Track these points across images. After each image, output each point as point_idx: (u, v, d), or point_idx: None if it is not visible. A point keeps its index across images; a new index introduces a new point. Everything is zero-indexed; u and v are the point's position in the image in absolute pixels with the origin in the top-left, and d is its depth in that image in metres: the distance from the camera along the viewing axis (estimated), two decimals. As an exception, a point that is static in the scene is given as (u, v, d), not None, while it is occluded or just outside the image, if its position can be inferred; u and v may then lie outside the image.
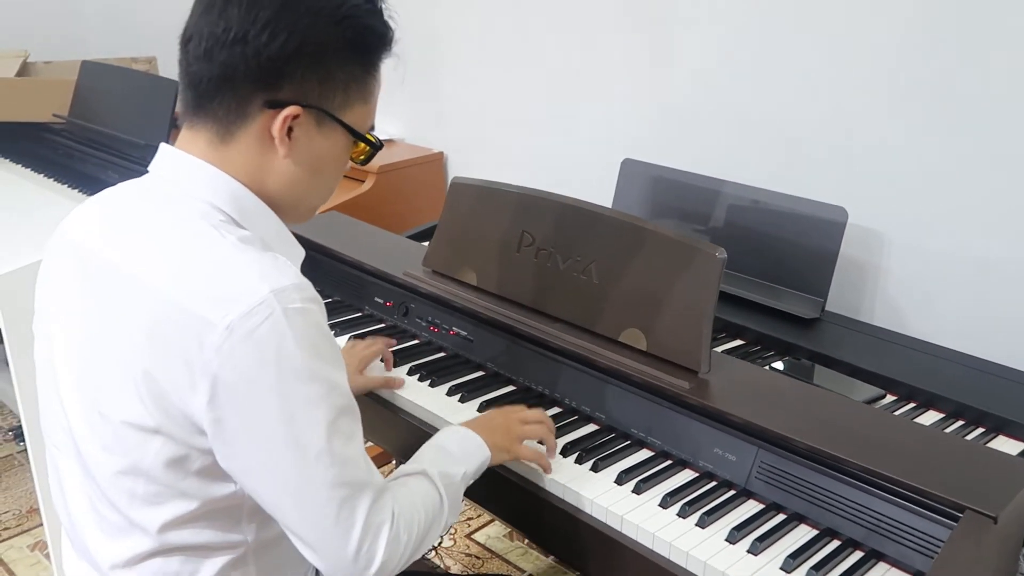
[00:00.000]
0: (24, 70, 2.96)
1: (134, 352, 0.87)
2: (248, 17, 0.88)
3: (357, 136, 0.99)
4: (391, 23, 0.98)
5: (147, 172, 1.00)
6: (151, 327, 0.86)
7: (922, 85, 1.65)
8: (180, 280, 0.87)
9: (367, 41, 0.96)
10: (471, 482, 1.12)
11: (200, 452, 0.88)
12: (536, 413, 1.24)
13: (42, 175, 2.74)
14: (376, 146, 1.02)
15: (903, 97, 1.68)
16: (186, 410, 0.86)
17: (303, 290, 0.87)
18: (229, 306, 0.83)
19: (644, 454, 1.26)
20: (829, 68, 1.77)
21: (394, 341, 1.52)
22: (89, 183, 2.51)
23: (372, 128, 1.02)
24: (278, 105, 0.91)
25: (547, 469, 1.20)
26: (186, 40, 0.93)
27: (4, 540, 2.18)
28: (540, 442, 1.24)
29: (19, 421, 2.43)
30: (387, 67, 1.01)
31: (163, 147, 0.98)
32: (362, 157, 1.03)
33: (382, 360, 1.48)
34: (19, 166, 2.83)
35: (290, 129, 0.92)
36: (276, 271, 0.87)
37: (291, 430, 0.85)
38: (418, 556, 1.00)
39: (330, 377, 0.88)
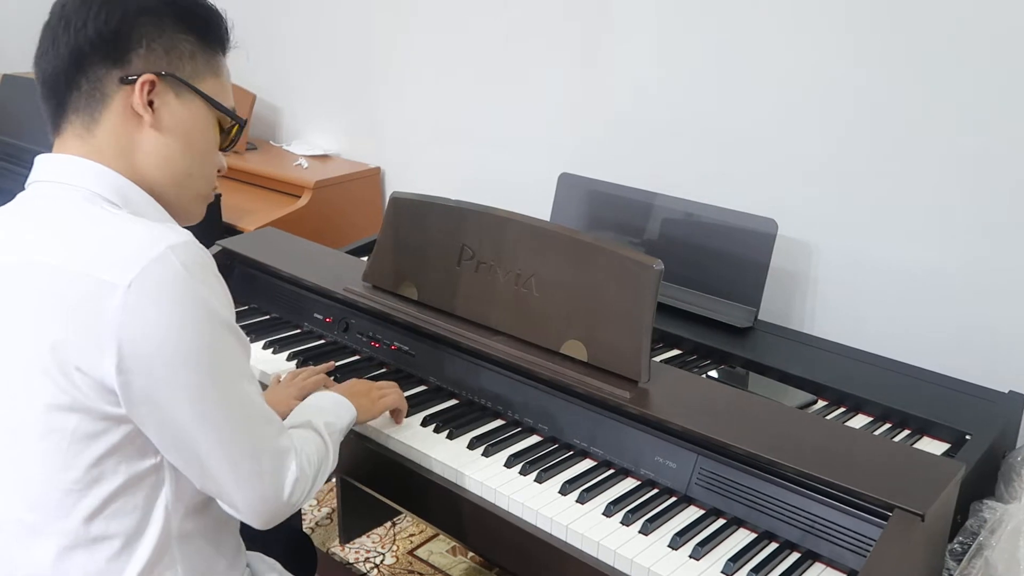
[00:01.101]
0: (-60, 83, 2.86)
1: (40, 332, 0.88)
2: (83, 7, 0.95)
3: (215, 104, 1.02)
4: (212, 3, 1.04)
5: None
6: (53, 302, 0.88)
7: (849, 99, 1.72)
8: (76, 252, 0.89)
9: (196, 14, 1.00)
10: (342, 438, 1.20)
11: (116, 423, 0.89)
12: (388, 383, 1.37)
13: (-40, 192, 2.64)
14: (240, 121, 1.06)
15: (830, 112, 1.75)
16: (96, 376, 0.87)
17: (197, 245, 0.91)
18: (127, 266, 0.86)
19: (587, 464, 1.27)
20: (759, 82, 1.83)
21: (333, 365, 1.51)
22: (9, 199, 2.42)
23: (233, 109, 1.05)
24: (133, 80, 0.95)
25: (399, 420, 1.36)
26: (38, 57, 0.98)
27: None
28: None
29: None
30: (233, 55, 1.08)
31: (38, 158, 1.00)
32: (227, 143, 1.07)
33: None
34: (-65, 183, 2.73)
35: (151, 102, 0.96)
36: (169, 231, 0.91)
37: (198, 379, 0.89)
38: (312, 496, 1.06)
39: (230, 324, 0.93)
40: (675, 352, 1.63)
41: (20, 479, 0.92)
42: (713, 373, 1.52)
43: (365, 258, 1.64)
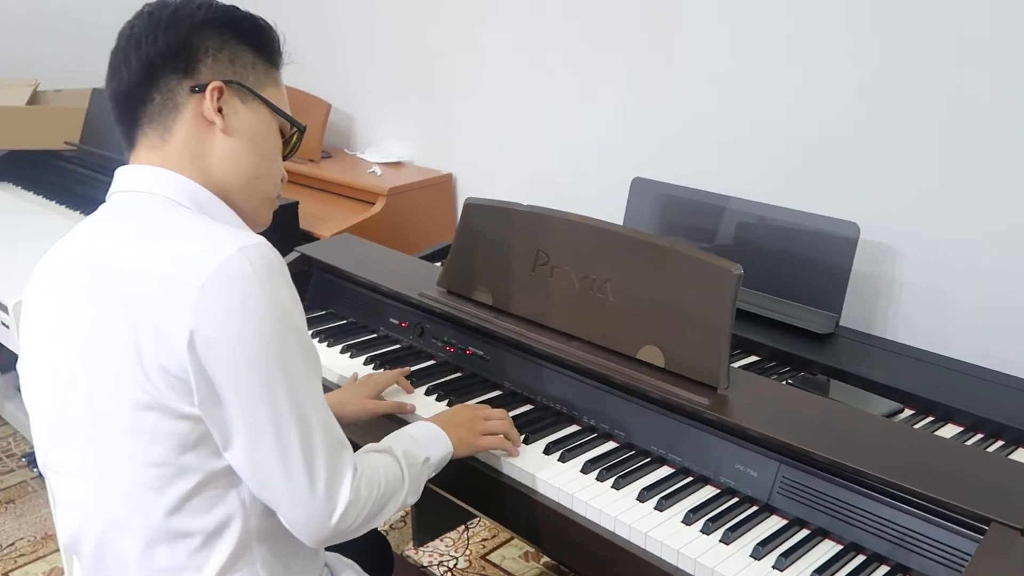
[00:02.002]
0: (35, 99, 2.99)
1: (121, 332, 0.91)
2: (152, 26, 1.00)
3: (277, 111, 1.07)
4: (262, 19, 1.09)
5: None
6: (133, 303, 0.91)
7: (932, 99, 1.66)
8: (154, 254, 0.93)
9: (250, 28, 1.05)
10: (433, 472, 1.17)
11: (192, 422, 0.92)
12: (498, 411, 1.31)
13: (55, 202, 2.76)
14: (300, 127, 1.11)
15: (914, 112, 1.69)
16: (175, 374, 0.90)
17: (269, 248, 0.94)
18: (200, 266, 0.89)
19: (665, 471, 1.26)
20: (838, 83, 1.79)
21: (408, 370, 1.52)
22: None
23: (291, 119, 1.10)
24: (203, 88, 1.00)
25: (513, 452, 1.28)
26: (111, 77, 1.02)
27: (20, 567, 2.17)
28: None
29: (32, 448, 2.42)
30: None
31: (117, 171, 1.04)
32: (288, 150, 1.11)
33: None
34: (31, 193, 2.86)
35: (219, 109, 1.01)
36: (242, 234, 0.95)
37: (260, 380, 0.90)
38: (376, 524, 1.04)
39: (297, 329, 0.94)
40: (753, 358, 1.60)
41: (105, 475, 0.96)
42: (793, 380, 1.49)
43: (439, 263, 1.66)
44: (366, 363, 1.59)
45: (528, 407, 1.42)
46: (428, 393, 1.47)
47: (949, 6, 1.61)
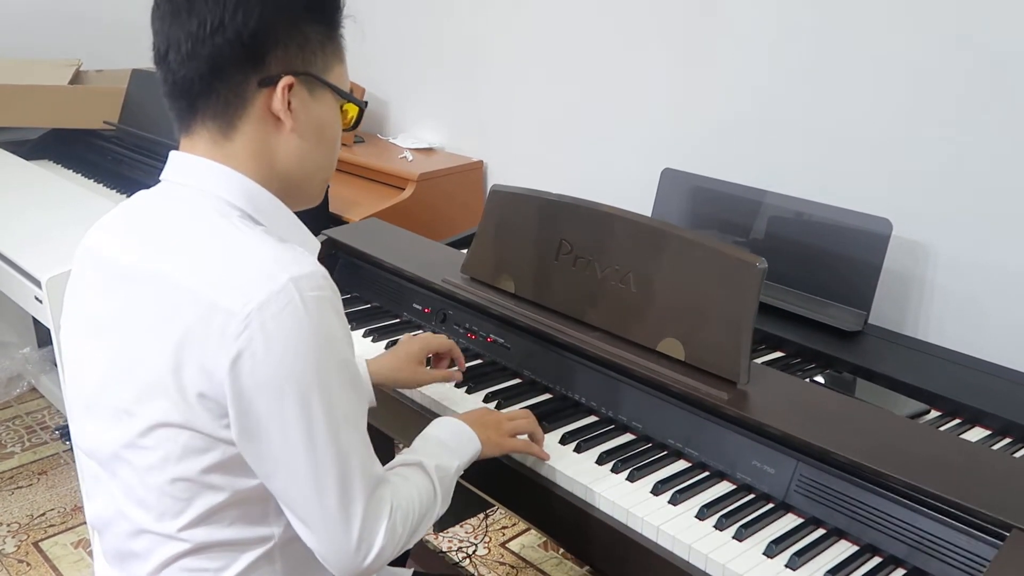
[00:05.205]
0: (77, 78, 3.03)
1: (161, 349, 0.88)
2: (218, 6, 0.90)
3: (344, 96, 1.01)
4: None
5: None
6: (174, 320, 0.88)
7: (970, 95, 1.62)
8: (200, 272, 0.89)
9: (320, 3, 0.97)
10: (461, 472, 1.15)
11: (224, 443, 0.90)
12: (522, 411, 1.28)
13: (92, 180, 2.81)
14: (362, 105, 1.04)
15: (950, 108, 1.65)
16: (210, 397, 0.87)
17: (321, 278, 0.89)
18: (249, 294, 0.85)
19: (681, 465, 1.25)
20: (873, 77, 1.75)
21: (456, 347, 1.43)
22: (137, 188, 2.53)
23: (351, 91, 1.03)
24: (272, 82, 0.93)
25: (542, 456, 1.25)
26: (163, 54, 0.94)
27: (49, 537, 2.22)
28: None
29: (66, 421, 2.48)
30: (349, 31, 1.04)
31: (173, 154, 1.00)
32: (350, 124, 1.05)
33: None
34: (70, 171, 2.91)
35: (288, 102, 0.94)
36: (294, 260, 0.89)
37: (303, 417, 0.87)
38: (410, 545, 1.02)
39: (343, 364, 0.91)
40: (778, 354, 1.58)
41: (133, 480, 0.95)
42: (819, 378, 1.47)
43: (465, 250, 1.66)
44: (387, 348, 1.60)
45: (546, 396, 1.42)
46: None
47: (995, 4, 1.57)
